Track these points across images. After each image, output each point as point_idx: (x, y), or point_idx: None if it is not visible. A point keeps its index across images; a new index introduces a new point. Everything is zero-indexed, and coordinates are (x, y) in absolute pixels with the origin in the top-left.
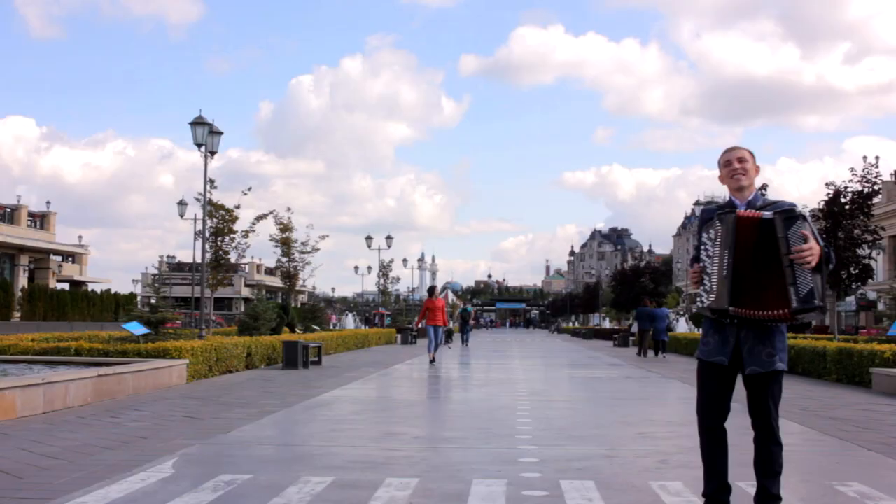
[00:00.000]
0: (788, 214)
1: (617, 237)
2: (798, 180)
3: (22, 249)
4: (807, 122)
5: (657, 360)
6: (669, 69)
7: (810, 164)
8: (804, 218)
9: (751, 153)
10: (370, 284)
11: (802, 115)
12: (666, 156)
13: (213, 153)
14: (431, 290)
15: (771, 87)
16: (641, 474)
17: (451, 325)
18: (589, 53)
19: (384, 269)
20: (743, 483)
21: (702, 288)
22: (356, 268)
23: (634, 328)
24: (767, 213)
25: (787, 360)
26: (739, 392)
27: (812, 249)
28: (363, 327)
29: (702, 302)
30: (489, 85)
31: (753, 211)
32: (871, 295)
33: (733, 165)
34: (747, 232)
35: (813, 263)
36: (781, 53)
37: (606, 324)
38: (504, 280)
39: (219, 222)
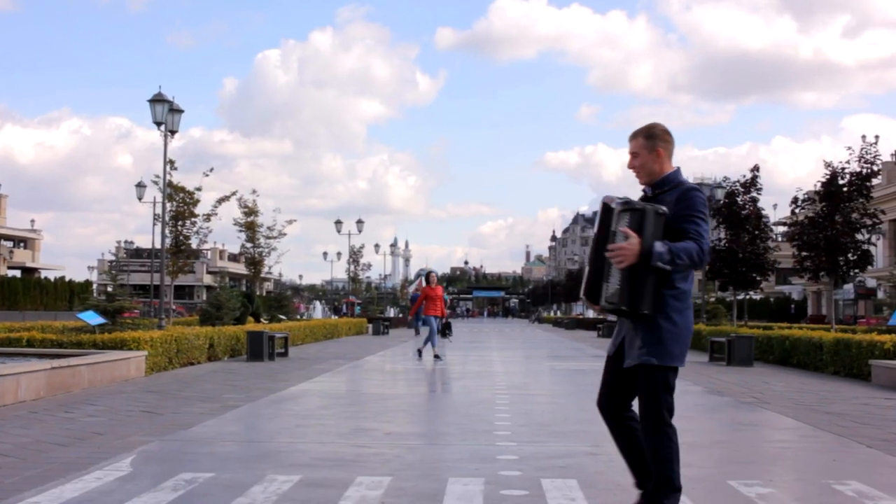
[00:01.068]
0: (626, 207)
1: None
2: (794, 160)
3: None
4: (803, 99)
5: None
6: (658, 43)
7: (807, 144)
8: (640, 212)
9: (646, 136)
10: (340, 271)
11: (799, 91)
12: None
13: (173, 132)
14: (429, 276)
15: (765, 62)
16: (627, 472)
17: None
18: (573, 26)
19: (355, 256)
20: (735, 482)
21: None
22: (325, 254)
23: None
24: (616, 203)
25: (671, 355)
26: (732, 387)
27: (624, 249)
28: (332, 317)
29: None
30: (467, 60)
31: (609, 197)
32: (871, 282)
33: (629, 162)
34: (603, 219)
35: (623, 264)
36: (777, 26)
37: (590, 313)
38: (482, 267)
39: (179, 205)
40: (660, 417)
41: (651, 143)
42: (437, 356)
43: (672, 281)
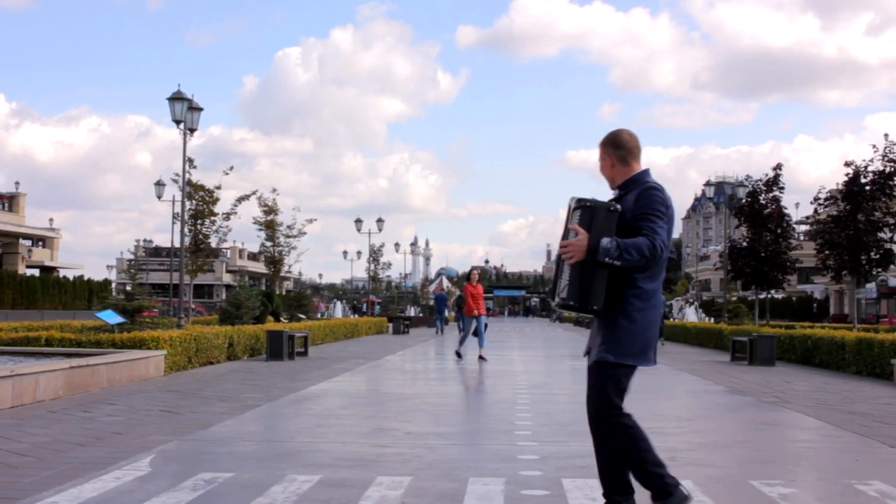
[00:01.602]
0: (578, 204)
1: None
2: (817, 159)
3: None
4: (827, 98)
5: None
6: (681, 40)
7: (830, 142)
8: (591, 209)
9: (604, 143)
10: (360, 270)
11: (822, 89)
12: (676, 133)
13: (192, 131)
14: (471, 273)
15: (789, 60)
16: None
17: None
18: (595, 24)
19: (375, 254)
20: (757, 482)
21: None
22: (345, 253)
23: None
24: (575, 200)
25: (628, 353)
26: (753, 387)
27: (572, 246)
28: (352, 316)
29: None
30: (488, 58)
31: (572, 197)
32: (893, 281)
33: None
34: (566, 218)
35: (573, 259)
36: (800, 24)
37: None
38: (502, 266)
39: (198, 204)
40: (609, 413)
41: (604, 150)
42: (458, 354)
43: (634, 280)
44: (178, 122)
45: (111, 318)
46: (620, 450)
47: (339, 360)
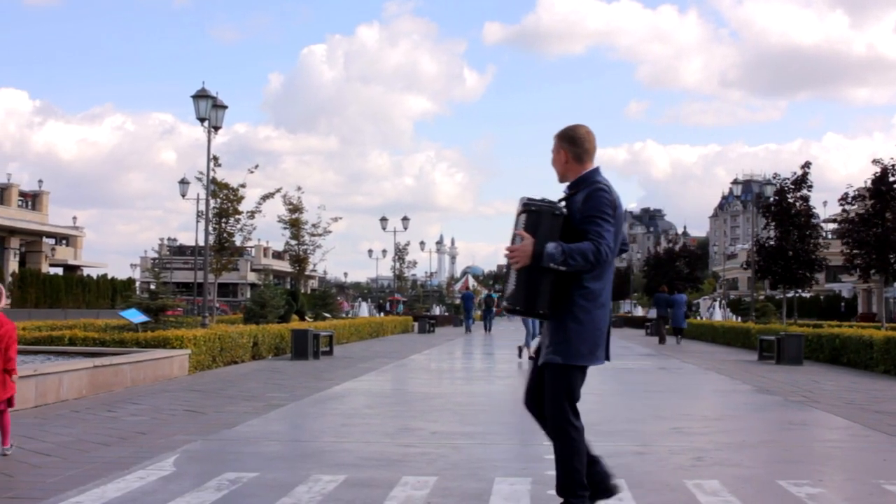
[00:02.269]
0: (524, 207)
1: (649, 218)
2: (845, 157)
3: (12, 232)
4: (856, 95)
5: (676, 346)
6: (709, 37)
7: (859, 141)
8: (536, 213)
9: (560, 137)
10: (385, 269)
11: (851, 87)
12: (704, 131)
13: (216, 128)
14: None
15: (818, 58)
16: (676, 472)
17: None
18: (622, 21)
19: (400, 253)
20: (784, 481)
21: None
22: (370, 251)
23: (652, 314)
24: (521, 203)
25: (577, 354)
26: (781, 386)
27: (517, 251)
28: (378, 315)
29: None
30: (515, 55)
31: (524, 199)
32: None
33: None
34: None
35: (518, 265)
36: (829, 21)
37: (638, 311)
38: None
39: (223, 202)
40: (563, 416)
41: (559, 143)
42: (531, 357)
43: (581, 280)
44: (202, 120)
45: (135, 317)
46: (562, 456)
47: (365, 360)
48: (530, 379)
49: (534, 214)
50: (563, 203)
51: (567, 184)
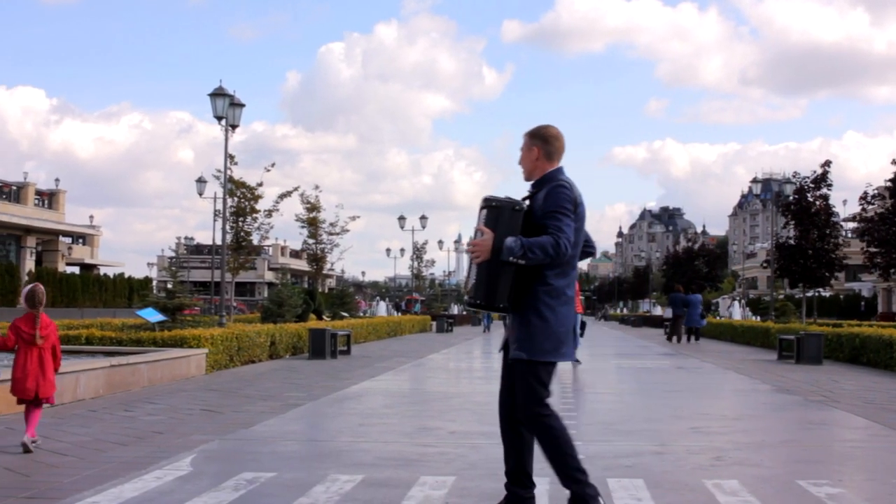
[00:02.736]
0: (486, 204)
1: (668, 217)
2: (866, 156)
3: (29, 230)
4: (877, 94)
5: (693, 345)
6: (729, 35)
7: (880, 139)
8: (497, 209)
9: (533, 135)
10: (403, 268)
11: (872, 85)
12: (723, 129)
13: (234, 127)
14: None
15: (839, 56)
16: (694, 472)
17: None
18: (642, 18)
19: (418, 252)
20: (804, 481)
21: None
22: (388, 250)
23: (668, 314)
24: (483, 202)
25: (542, 350)
26: (800, 385)
27: (478, 246)
28: (396, 314)
29: None
30: (534, 53)
31: (486, 197)
32: None
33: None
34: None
35: (479, 259)
36: (850, 19)
37: (657, 310)
38: None
39: (240, 201)
40: (534, 409)
41: (531, 141)
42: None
43: (545, 277)
44: (219, 119)
45: (152, 316)
46: (546, 448)
47: (382, 359)
48: (504, 377)
49: (494, 210)
50: (526, 201)
51: (532, 182)
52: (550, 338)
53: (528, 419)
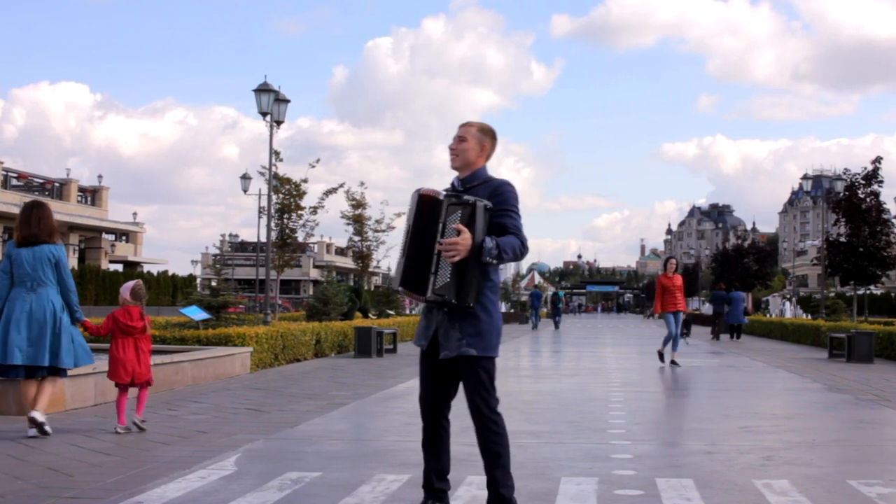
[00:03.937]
0: (456, 200)
1: (718, 214)
2: None
3: (72, 227)
4: None
5: (732, 343)
6: (781, 30)
7: None
8: (471, 207)
9: (484, 130)
10: None
11: None
12: (775, 125)
13: (279, 123)
14: (667, 262)
15: (892, 51)
16: (744, 472)
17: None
18: (693, 13)
19: None
20: (855, 481)
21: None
22: None
23: (707, 309)
24: (443, 195)
25: (490, 345)
26: (852, 384)
27: (457, 245)
28: None
29: None
30: (583, 48)
31: (432, 190)
32: None
33: (451, 144)
34: (426, 212)
35: (456, 258)
36: None
37: (706, 308)
38: (595, 261)
39: (285, 198)
40: (489, 408)
41: (482, 136)
42: (673, 362)
43: (488, 273)
44: (264, 115)
45: (196, 314)
46: (502, 448)
47: None
48: (426, 377)
49: (469, 208)
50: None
51: (462, 176)
52: (495, 333)
53: (482, 418)
